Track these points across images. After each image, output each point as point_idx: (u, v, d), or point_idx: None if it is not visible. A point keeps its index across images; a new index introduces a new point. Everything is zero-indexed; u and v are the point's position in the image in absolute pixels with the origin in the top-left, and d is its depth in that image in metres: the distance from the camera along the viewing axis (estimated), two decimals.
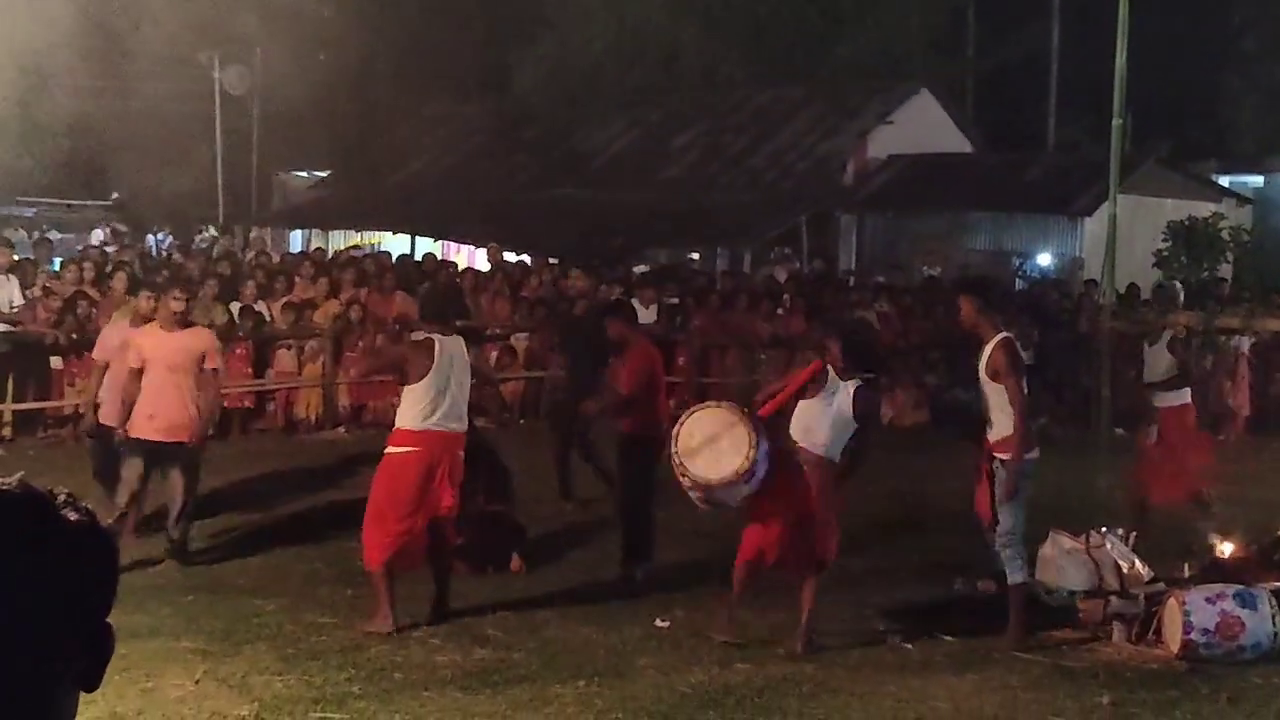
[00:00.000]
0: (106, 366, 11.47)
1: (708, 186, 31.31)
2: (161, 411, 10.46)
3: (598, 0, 35.04)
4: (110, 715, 7.17)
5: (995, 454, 9.11)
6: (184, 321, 10.88)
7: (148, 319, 11.18)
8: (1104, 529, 9.96)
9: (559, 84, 34.48)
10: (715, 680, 8.23)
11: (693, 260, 28.69)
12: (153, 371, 10.46)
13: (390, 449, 9.22)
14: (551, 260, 24.27)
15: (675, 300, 21.09)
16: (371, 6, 34.66)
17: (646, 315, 20.80)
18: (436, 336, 9.18)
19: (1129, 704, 7.95)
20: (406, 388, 9.19)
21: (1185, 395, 11.63)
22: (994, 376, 9.05)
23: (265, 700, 7.64)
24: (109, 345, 11.69)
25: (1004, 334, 9.31)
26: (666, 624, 9.43)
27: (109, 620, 1.82)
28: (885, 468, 12.28)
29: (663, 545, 10.92)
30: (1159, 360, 11.69)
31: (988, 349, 9.16)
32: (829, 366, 8.93)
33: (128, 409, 10.48)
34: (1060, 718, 7.74)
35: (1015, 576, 9.10)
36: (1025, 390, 9.02)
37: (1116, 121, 19.26)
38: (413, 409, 9.09)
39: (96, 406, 11.56)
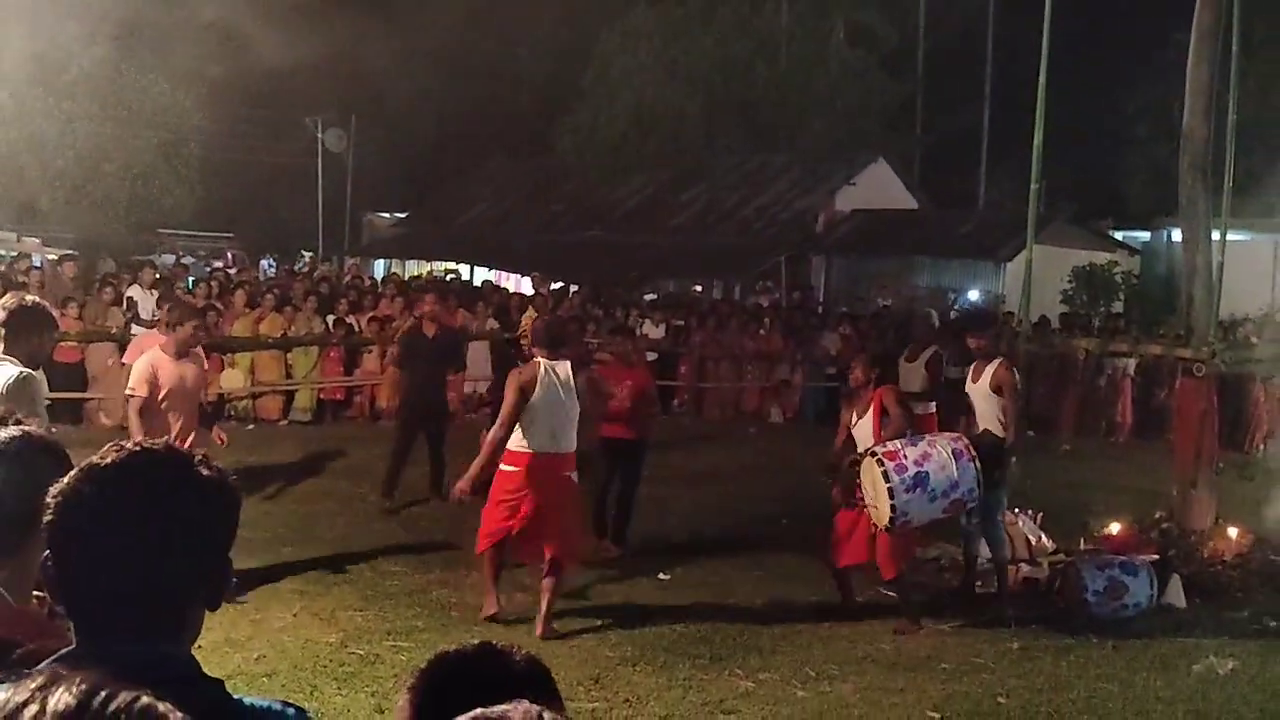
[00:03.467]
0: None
1: (707, 232, 31.41)
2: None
3: (621, 81, 35.14)
4: (226, 640, 7.19)
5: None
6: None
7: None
8: (1016, 509, 9.95)
9: (590, 148, 34.60)
10: (704, 623, 8.25)
11: (695, 290, 28.76)
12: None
13: (501, 466, 8.10)
14: (570, 287, 24.28)
15: (680, 321, 21.17)
16: (440, 82, 34.83)
17: (657, 333, 20.85)
18: (543, 361, 8.09)
19: (1034, 649, 7.93)
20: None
21: (931, 407, 11.34)
22: (997, 390, 9.00)
23: (349, 631, 7.67)
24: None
25: (1002, 358, 9.28)
26: (668, 577, 9.45)
27: (230, 556, 1.87)
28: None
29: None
30: (915, 376, 11.44)
31: (990, 368, 9.09)
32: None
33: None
34: (979, 659, 7.71)
35: (1004, 552, 9.15)
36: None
37: (1034, 186, 19.21)
38: (519, 431, 8.03)
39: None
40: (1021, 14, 23.05)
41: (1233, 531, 10.21)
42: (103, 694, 1.23)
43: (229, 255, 33.56)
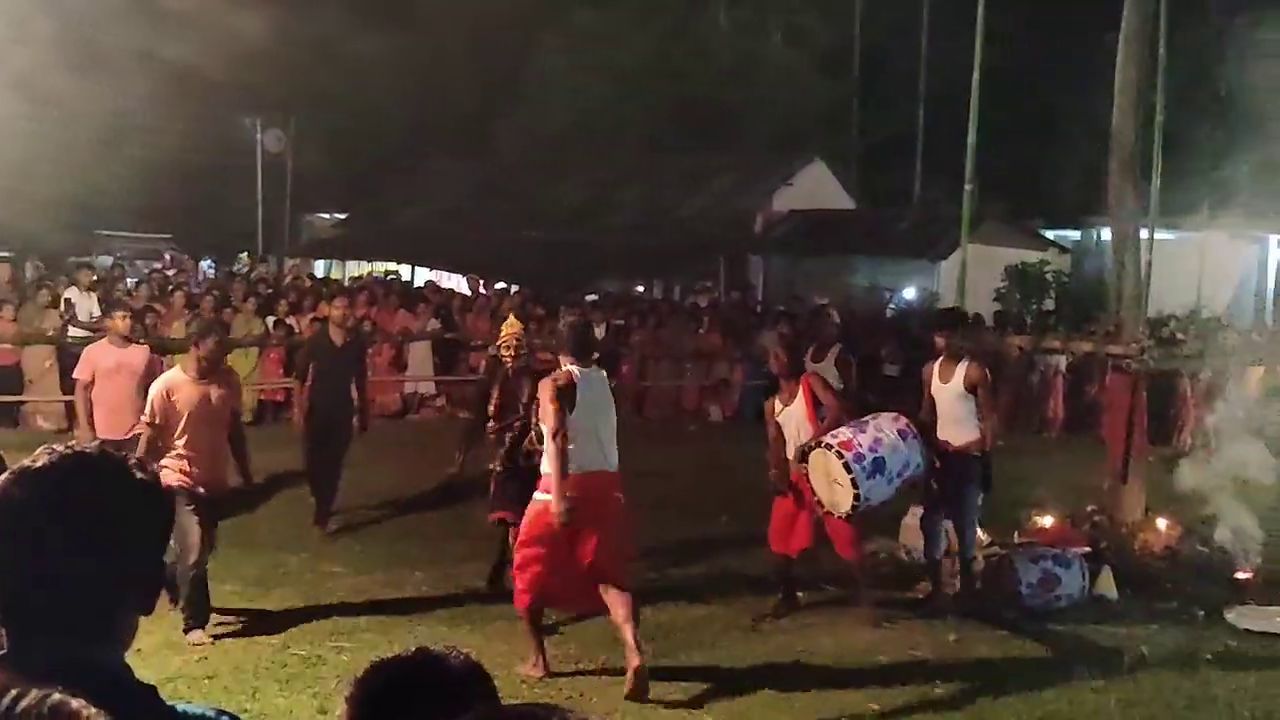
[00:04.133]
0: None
1: (647, 232, 31.30)
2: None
3: (561, 82, 35.15)
4: (166, 643, 7.11)
5: (968, 451, 8.81)
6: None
7: (127, 338, 9.30)
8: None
9: (531, 148, 34.54)
10: (649, 620, 8.24)
11: (635, 289, 28.75)
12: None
13: (537, 495, 7.08)
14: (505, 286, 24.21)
15: (620, 321, 21.14)
16: (381, 84, 34.58)
17: (597, 332, 20.83)
18: (576, 369, 7.09)
19: (970, 640, 8.02)
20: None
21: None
22: (972, 389, 8.84)
23: (292, 632, 7.61)
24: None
25: (970, 357, 9.10)
26: None
27: (164, 560, 1.84)
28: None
29: None
30: (826, 374, 11.41)
31: (961, 368, 8.89)
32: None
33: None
34: (917, 650, 7.79)
35: (972, 551, 8.98)
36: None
37: (967, 187, 19.51)
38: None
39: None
40: (956, 18, 23.30)
41: (1162, 523, 10.36)
42: (13, 693, 1.23)
43: (167, 256, 33.11)
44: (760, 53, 38.13)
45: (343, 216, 38.84)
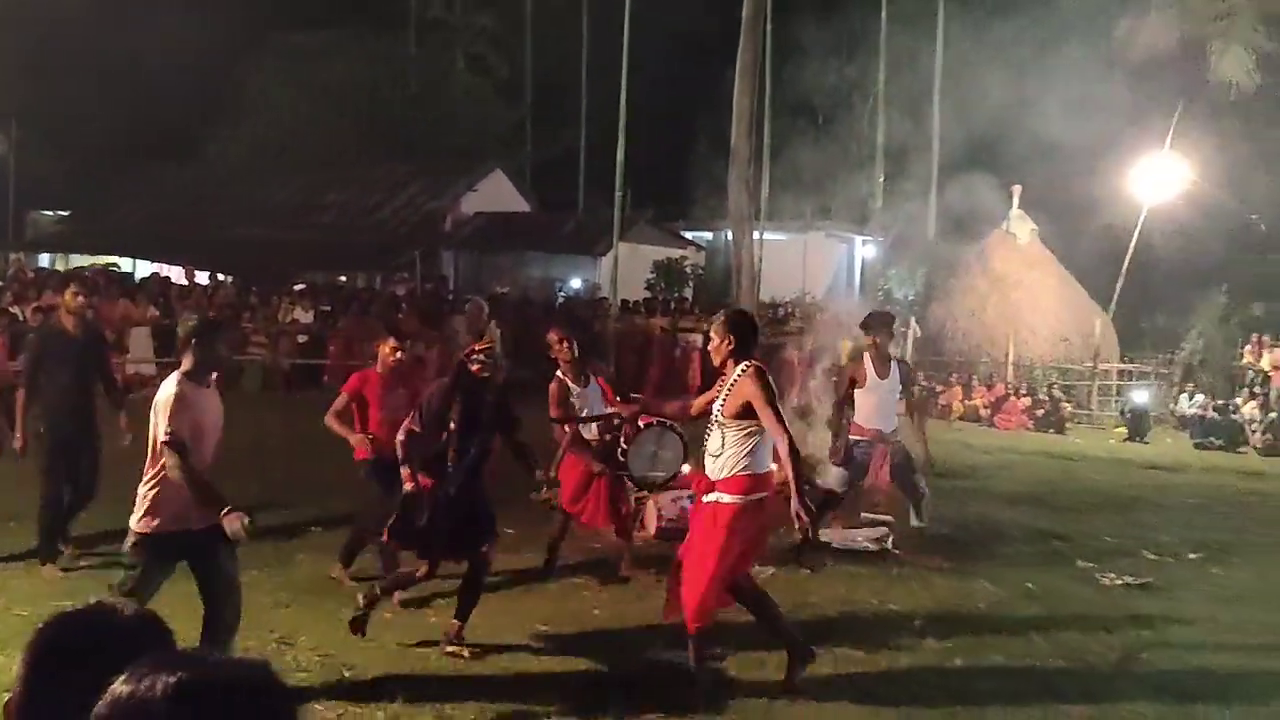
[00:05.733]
0: None
1: (350, 230, 30.67)
2: None
3: (265, 98, 34.04)
4: None
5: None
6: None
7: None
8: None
9: (244, 156, 33.13)
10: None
11: (340, 280, 28.02)
12: None
13: (737, 497, 5.56)
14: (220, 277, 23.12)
15: (327, 308, 20.57)
16: (100, 92, 32.31)
17: (306, 318, 20.14)
18: (752, 365, 5.52)
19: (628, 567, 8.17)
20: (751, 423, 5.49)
21: None
22: (908, 381, 8.76)
23: (13, 593, 6.97)
24: None
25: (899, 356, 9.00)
26: (512, 532, 9.15)
27: None
28: None
29: None
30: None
31: (896, 365, 8.81)
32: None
33: None
34: (578, 579, 7.87)
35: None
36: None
37: (618, 194, 19.93)
38: (752, 449, 5.55)
39: None
40: (612, 54, 23.77)
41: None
42: None
43: None
44: (446, 78, 38.08)
45: (66, 214, 35.93)
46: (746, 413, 5.44)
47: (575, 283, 29.65)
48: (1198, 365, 21.01)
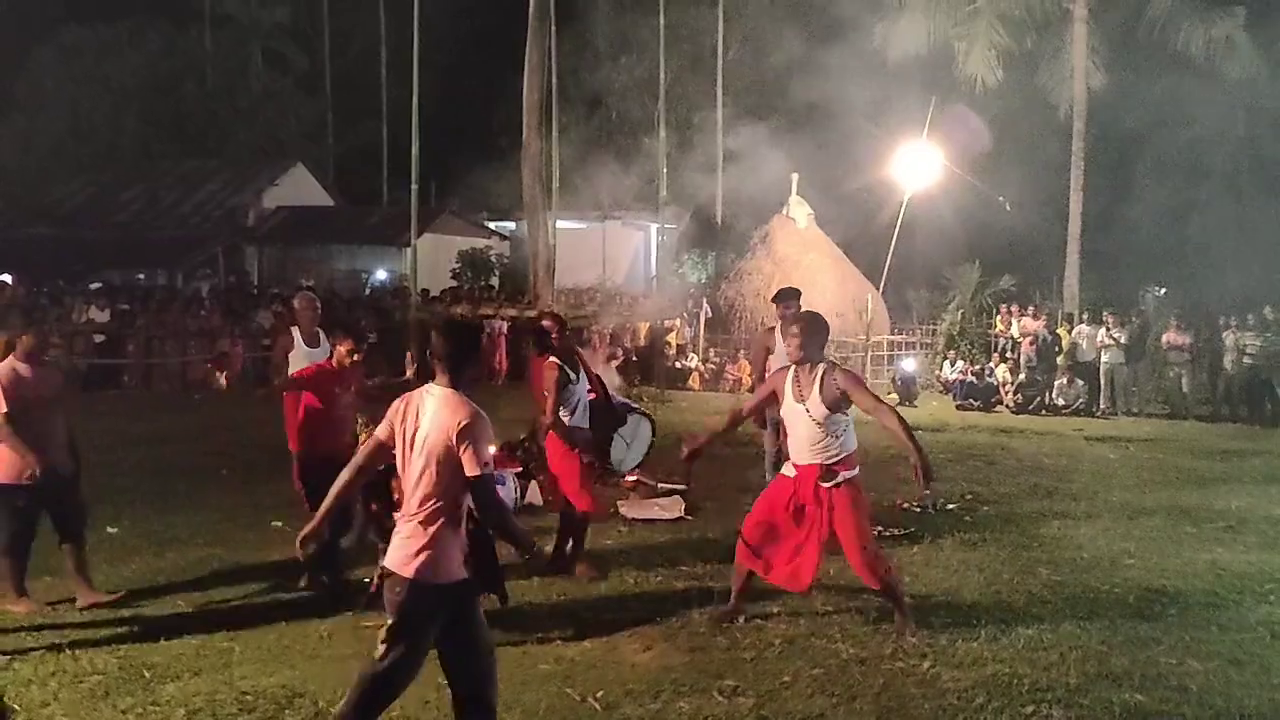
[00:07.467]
0: None
1: (148, 227, 29.28)
2: None
3: (56, 93, 32.05)
4: None
5: None
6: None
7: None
8: None
9: (28, 154, 31.13)
10: (152, 560, 7.78)
11: (139, 278, 26.67)
12: None
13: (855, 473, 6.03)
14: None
15: (126, 306, 19.60)
16: None
17: (103, 317, 19.13)
18: (823, 366, 6.00)
19: None
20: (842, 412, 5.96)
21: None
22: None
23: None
24: None
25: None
26: (115, 530, 8.76)
27: None
28: None
29: None
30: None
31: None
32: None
33: None
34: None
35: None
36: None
37: (414, 186, 19.67)
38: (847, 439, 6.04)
39: None
40: (407, 49, 23.33)
41: None
42: None
43: None
44: (243, 73, 36.67)
45: None
46: (841, 404, 5.92)
47: (381, 274, 29.12)
48: (957, 335, 22.31)
